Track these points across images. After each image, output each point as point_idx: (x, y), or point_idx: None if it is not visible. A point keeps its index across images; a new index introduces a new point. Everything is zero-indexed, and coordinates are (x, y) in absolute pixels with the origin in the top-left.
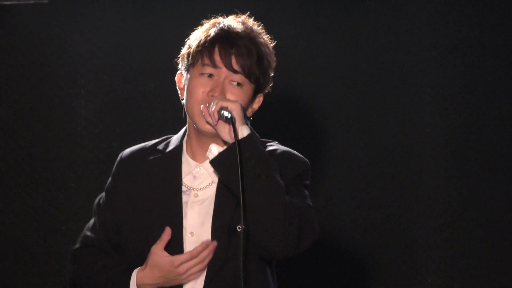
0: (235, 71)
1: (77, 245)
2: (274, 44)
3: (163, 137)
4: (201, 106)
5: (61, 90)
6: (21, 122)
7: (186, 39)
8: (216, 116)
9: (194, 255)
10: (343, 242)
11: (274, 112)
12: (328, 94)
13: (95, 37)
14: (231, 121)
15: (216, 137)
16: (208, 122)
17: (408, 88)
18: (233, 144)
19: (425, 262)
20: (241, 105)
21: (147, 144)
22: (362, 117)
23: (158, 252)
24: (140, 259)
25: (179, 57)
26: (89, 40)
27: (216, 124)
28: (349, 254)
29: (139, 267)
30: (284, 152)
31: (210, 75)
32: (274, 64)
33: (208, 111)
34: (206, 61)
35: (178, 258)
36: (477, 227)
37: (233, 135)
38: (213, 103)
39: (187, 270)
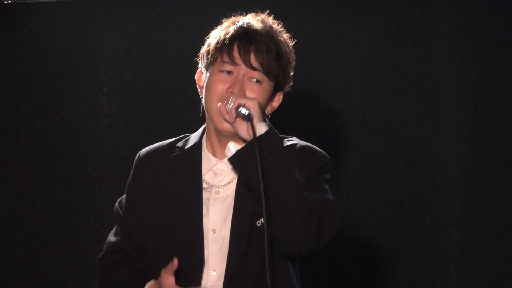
0: (254, 68)
1: (102, 253)
2: (294, 43)
3: (181, 136)
4: (219, 104)
5: (83, 88)
6: (43, 120)
7: (205, 38)
8: (234, 114)
9: None
10: (363, 240)
11: (294, 110)
12: (349, 93)
13: (117, 35)
14: (248, 119)
15: (235, 136)
16: (226, 120)
17: (430, 86)
18: (251, 141)
19: (447, 261)
20: (259, 102)
21: (164, 143)
22: (383, 116)
23: (165, 276)
24: (161, 258)
25: (199, 56)
26: (111, 38)
27: (234, 122)
28: (369, 252)
29: (152, 282)
30: (304, 146)
31: (229, 72)
32: (294, 63)
33: (226, 109)
34: (225, 58)
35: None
36: (499, 226)
37: (251, 132)
38: (230, 101)
39: None
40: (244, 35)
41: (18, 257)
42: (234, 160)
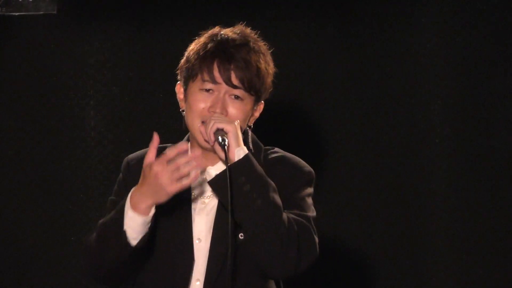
0: (235, 86)
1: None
2: (272, 50)
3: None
4: (199, 125)
5: (70, 101)
6: (31, 133)
7: (184, 51)
8: (213, 138)
9: (166, 158)
10: (350, 247)
11: (279, 119)
12: (334, 102)
13: (104, 48)
14: (223, 148)
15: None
16: (206, 141)
17: (417, 97)
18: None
19: (434, 266)
20: (238, 124)
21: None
22: (370, 127)
23: (146, 161)
24: (151, 265)
25: (178, 68)
26: (98, 51)
27: (213, 145)
28: (356, 258)
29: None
30: (288, 160)
31: (210, 90)
32: (273, 71)
33: (205, 131)
34: (206, 77)
35: (151, 160)
36: (486, 230)
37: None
38: (210, 124)
39: (161, 172)
40: (223, 52)
41: (4, 273)
42: (213, 185)
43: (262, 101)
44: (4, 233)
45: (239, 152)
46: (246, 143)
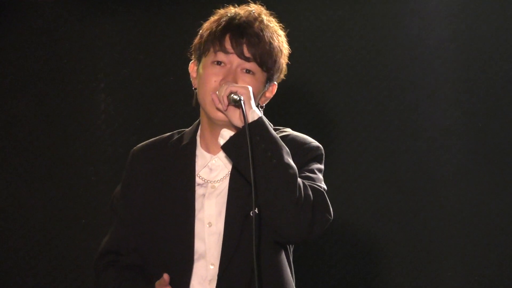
0: (247, 59)
1: (96, 256)
2: (287, 32)
3: (175, 132)
4: (211, 93)
5: (81, 84)
6: (41, 117)
7: (198, 29)
8: (226, 101)
9: None
10: (359, 237)
11: (290, 104)
12: (344, 90)
13: (114, 31)
14: (240, 104)
15: (228, 125)
16: (218, 109)
17: (427, 87)
18: (244, 127)
19: (444, 258)
20: (251, 89)
21: (157, 139)
22: (380, 115)
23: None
24: (154, 253)
25: (192, 47)
26: (108, 34)
27: (226, 110)
28: (364, 249)
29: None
30: (297, 136)
31: (222, 64)
32: (287, 53)
33: (218, 97)
34: (217, 48)
35: None
36: (495, 225)
37: (243, 118)
38: (222, 89)
39: None
40: (236, 27)
41: (17, 255)
42: (227, 147)
43: (275, 83)
44: (15, 215)
45: (253, 114)
46: None
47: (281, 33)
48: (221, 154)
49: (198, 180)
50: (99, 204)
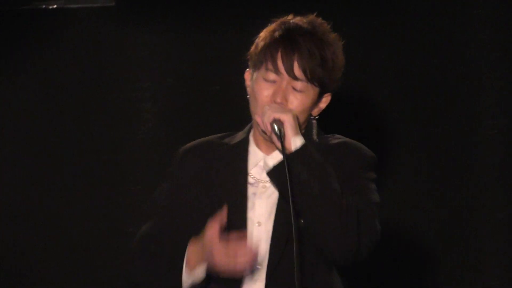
0: (296, 78)
1: (134, 241)
2: (343, 43)
3: (227, 132)
4: (256, 116)
5: (125, 94)
6: (87, 125)
7: (254, 38)
8: (269, 128)
9: (225, 247)
10: (408, 240)
11: (341, 111)
12: (392, 94)
13: (159, 40)
14: (280, 138)
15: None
16: (263, 131)
17: (473, 89)
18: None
19: (488, 262)
20: (295, 114)
21: (208, 138)
22: (427, 118)
23: (209, 239)
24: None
25: (248, 55)
26: (153, 43)
27: (270, 135)
28: (413, 253)
29: (192, 242)
30: (349, 143)
31: (273, 80)
32: (343, 63)
33: (262, 121)
34: (270, 66)
35: (211, 239)
36: None
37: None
38: (265, 115)
39: (210, 252)
40: (288, 41)
41: (64, 262)
42: (271, 176)
43: (330, 93)
44: (62, 223)
45: (295, 141)
46: (309, 133)
47: (337, 44)
48: (274, 154)
49: (249, 179)
50: (143, 215)
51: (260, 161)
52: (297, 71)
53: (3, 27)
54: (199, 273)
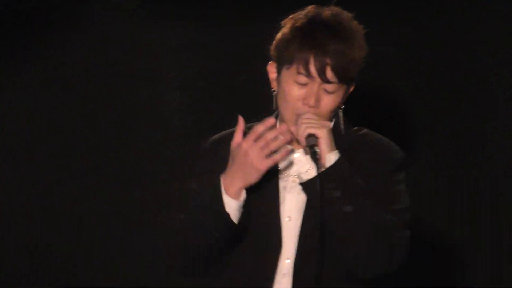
0: (329, 82)
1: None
2: (365, 32)
3: (253, 123)
4: (291, 127)
5: (153, 84)
6: (116, 115)
7: (280, 23)
8: (304, 143)
9: (254, 135)
10: (435, 239)
11: (365, 100)
12: (417, 89)
13: (184, 30)
14: (314, 160)
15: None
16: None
17: (500, 83)
18: (318, 175)
19: None
20: (330, 129)
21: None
22: (451, 114)
23: (233, 144)
24: (236, 244)
25: (271, 47)
26: (178, 33)
27: (305, 146)
28: (440, 252)
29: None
30: (379, 140)
31: (304, 84)
32: (366, 51)
33: (297, 132)
34: (301, 70)
35: (239, 141)
36: None
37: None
38: (301, 128)
39: (250, 149)
40: (319, 46)
41: (91, 255)
42: (304, 188)
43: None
44: (89, 215)
45: (330, 157)
46: (337, 125)
47: (361, 35)
48: (301, 150)
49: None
50: (171, 202)
51: (290, 155)
52: (329, 74)
53: (35, 17)
54: (240, 195)
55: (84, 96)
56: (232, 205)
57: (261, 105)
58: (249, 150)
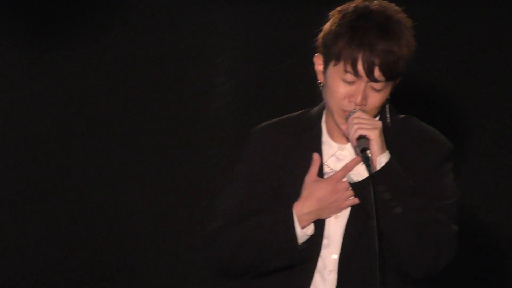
0: (376, 81)
1: (217, 224)
2: (414, 25)
3: (299, 113)
4: (342, 124)
5: (199, 69)
6: (161, 100)
7: (326, 15)
8: (355, 143)
9: (340, 177)
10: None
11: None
12: (468, 87)
13: (232, 15)
14: (367, 164)
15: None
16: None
17: None
18: (370, 177)
19: None
20: (381, 130)
21: (282, 120)
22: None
23: (311, 179)
24: None
25: (318, 39)
26: (226, 18)
27: (355, 146)
28: (488, 250)
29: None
30: (425, 131)
31: (351, 82)
32: (414, 46)
33: (347, 131)
34: (349, 68)
35: (314, 178)
36: None
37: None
38: (352, 129)
39: (342, 191)
40: (368, 45)
41: (137, 239)
42: (354, 189)
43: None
44: (135, 201)
45: (380, 159)
46: (384, 116)
47: (410, 30)
48: (348, 146)
49: (325, 169)
50: (218, 189)
51: (336, 151)
52: (377, 73)
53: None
54: (309, 225)
55: (131, 82)
56: (303, 238)
57: (308, 89)
58: (341, 191)
